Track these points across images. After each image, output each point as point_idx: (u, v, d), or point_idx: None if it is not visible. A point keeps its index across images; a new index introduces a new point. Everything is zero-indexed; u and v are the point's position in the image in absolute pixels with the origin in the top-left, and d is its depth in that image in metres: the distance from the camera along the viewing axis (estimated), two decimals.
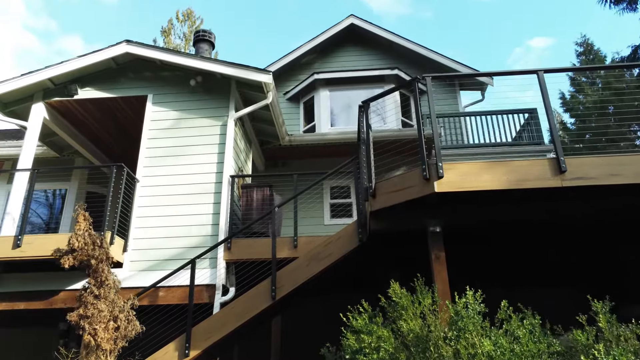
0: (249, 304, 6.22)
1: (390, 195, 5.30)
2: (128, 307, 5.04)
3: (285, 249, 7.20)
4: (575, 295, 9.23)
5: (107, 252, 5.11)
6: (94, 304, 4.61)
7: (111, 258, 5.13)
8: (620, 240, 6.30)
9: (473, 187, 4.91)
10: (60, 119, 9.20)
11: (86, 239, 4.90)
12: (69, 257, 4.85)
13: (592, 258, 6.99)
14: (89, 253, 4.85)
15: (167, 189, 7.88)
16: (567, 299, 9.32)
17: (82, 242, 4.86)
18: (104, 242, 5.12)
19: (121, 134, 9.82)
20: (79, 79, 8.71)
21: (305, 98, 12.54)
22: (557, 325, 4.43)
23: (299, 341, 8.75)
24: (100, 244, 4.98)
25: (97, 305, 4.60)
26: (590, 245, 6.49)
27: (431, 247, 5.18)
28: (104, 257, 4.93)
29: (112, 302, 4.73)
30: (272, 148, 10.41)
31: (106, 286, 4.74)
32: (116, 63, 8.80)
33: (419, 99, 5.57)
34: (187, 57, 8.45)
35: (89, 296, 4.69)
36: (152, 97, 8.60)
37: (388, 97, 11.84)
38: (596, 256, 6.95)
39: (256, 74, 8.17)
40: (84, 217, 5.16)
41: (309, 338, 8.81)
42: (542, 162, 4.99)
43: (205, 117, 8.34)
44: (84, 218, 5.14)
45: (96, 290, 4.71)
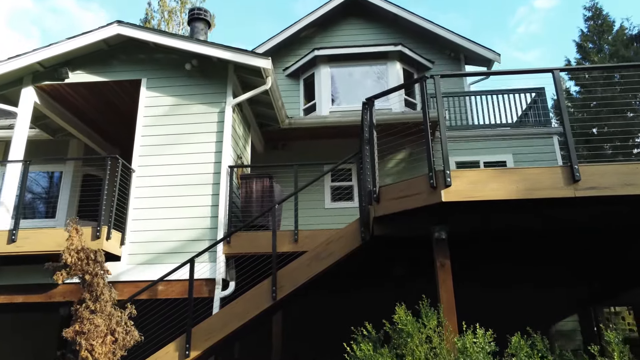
0: (249, 304, 6.14)
1: (395, 201, 5.10)
2: (125, 317, 4.93)
3: (285, 243, 7.08)
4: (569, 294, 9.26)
5: (102, 265, 4.97)
6: (90, 319, 4.50)
7: (103, 268, 4.96)
8: (624, 241, 6.14)
9: (481, 196, 4.71)
10: (52, 102, 8.88)
11: (80, 254, 4.74)
12: (63, 272, 4.71)
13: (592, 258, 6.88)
14: (83, 268, 4.70)
15: (164, 179, 7.67)
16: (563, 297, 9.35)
17: (75, 257, 4.70)
18: (99, 255, 4.96)
19: (117, 116, 9.52)
20: (69, 62, 8.35)
21: (306, 75, 12.13)
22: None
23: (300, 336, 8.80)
24: (94, 258, 4.82)
25: (94, 320, 4.49)
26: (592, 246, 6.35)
27: (436, 254, 5.03)
28: (98, 271, 4.78)
29: (109, 316, 4.62)
30: (271, 130, 10.13)
31: (102, 300, 4.62)
32: (108, 45, 8.40)
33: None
34: (182, 40, 8.05)
35: (84, 311, 4.57)
36: (146, 82, 8.26)
37: (391, 73, 11.50)
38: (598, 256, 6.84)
39: (254, 59, 7.81)
40: (76, 230, 4.98)
41: (310, 333, 8.89)
42: (554, 170, 4.76)
43: (202, 104, 8.03)
44: (76, 231, 4.96)
45: (92, 305, 4.59)
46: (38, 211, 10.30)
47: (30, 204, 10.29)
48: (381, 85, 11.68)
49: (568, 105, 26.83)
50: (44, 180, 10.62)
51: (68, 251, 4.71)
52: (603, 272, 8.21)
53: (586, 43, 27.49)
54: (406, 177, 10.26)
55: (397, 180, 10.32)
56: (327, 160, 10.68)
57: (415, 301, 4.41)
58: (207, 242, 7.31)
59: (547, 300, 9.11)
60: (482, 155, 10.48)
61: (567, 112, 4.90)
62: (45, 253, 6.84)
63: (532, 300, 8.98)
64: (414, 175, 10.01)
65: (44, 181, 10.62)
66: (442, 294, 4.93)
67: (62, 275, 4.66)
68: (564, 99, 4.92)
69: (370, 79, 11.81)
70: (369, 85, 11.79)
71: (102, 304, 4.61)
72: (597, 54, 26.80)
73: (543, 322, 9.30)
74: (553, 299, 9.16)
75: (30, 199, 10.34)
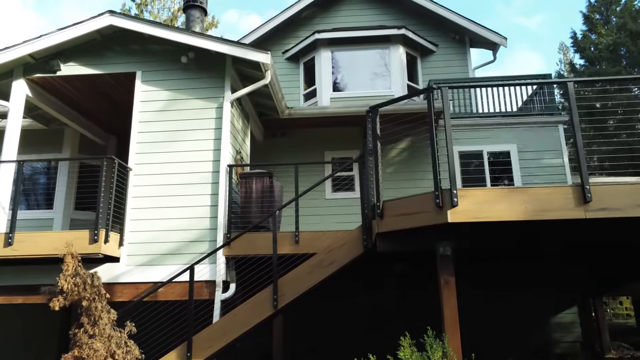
0: (250, 312, 6.09)
1: (399, 218, 4.97)
2: (125, 337, 4.87)
3: (286, 245, 6.98)
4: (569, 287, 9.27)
5: (100, 289, 4.86)
6: (89, 343, 4.43)
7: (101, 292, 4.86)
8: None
9: (489, 217, 4.58)
10: (45, 94, 8.60)
11: (76, 279, 4.63)
12: (60, 298, 4.61)
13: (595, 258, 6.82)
14: (80, 294, 4.60)
15: (162, 178, 7.51)
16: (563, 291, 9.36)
17: (71, 283, 4.59)
18: (95, 279, 4.85)
19: (112, 106, 9.25)
20: (60, 53, 8.03)
21: (306, 58, 11.78)
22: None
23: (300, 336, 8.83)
24: (91, 283, 4.72)
25: (93, 345, 4.43)
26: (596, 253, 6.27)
27: (440, 271, 4.94)
28: (95, 295, 4.69)
29: (108, 338, 4.56)
30: (271, 119, 9.89)
31: (101, 323, 4.54)
32: (101, 35, 8.07)
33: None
34: (177, 32, 7.73)
35: (83, 336, 4.50)
36: (142, 75, 7.97)
37: (393, 57, 11.17)
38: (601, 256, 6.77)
39: (253, 53, 7.51)
40: (72, 256, 4.85)
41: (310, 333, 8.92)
42: (565, 189, 4.61)
43: (200, 99, 7.78)
44: (72, 257, 4.83)
45: (90, 330, 4.51)
46: (35, 202, 10.14)
47: (26, 194, 10.13)
48: (383, 70, 11.36)
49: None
50: (39, 170, 10.43)
51: (64, 277, 4.60)
52: (605, 267, 8.19)
53: (593, 14, 26.76)
54: (409, 167, 10.17)
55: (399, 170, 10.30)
56: (327, 147, 10.57)
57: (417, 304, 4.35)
58: (207, 243, 7.22)
59: (547, 295, 9.13)
60: (485, 145, 10.28)
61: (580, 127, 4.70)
62: (42, 257, 6.78)
63: (533, 295, 9.00)
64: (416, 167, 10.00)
65: (40, 171, 10.43)
66: (446, 312, 4.87)
67: (59, 302, 4.57)
68: (577, 114, 4.71)
69: (373, 63, 11.47)
70: (371, 70, 11.48)
71: (101, 328, 4.54)
72: (604, 26, 26.14)
73: (543, 316, 9.35)
74: (553, 293, 9.18)
75: (27, 189, 10.17)
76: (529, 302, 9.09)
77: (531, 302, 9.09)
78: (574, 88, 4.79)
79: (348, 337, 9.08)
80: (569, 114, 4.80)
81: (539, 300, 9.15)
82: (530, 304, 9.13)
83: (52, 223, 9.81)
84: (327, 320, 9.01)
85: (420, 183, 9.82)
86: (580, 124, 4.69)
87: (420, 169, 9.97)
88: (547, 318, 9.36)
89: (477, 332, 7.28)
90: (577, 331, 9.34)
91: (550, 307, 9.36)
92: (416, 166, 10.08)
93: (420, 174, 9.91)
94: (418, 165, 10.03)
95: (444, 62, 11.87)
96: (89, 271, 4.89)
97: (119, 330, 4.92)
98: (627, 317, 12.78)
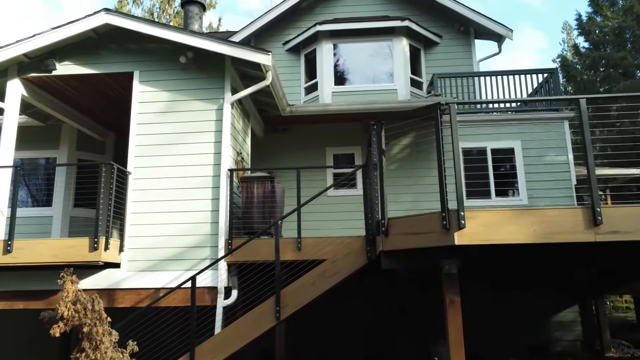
0: (253, 323, 6.06)
1: (404, 237, 4.88)
2: (127, 357, 4.83)
3: (288, 251, 6.91)
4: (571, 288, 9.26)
5: (101, 313, 4.79)
6: None
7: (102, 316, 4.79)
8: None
9: (497, 240, 4.49)
10: (42, 93, 8.41)
11: (77, 305, 4.55)
12: (60, 324, 4.54)
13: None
14: (81, 319, 4.53)
15: (162, 182, 7.39)
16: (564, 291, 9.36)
17: (72, 309, 4.52)
18: (96, 303, 4.78)
19: (110, 103, 9.08)
20: (55, 52, 7.80)
21: (307, 50, 11.52)
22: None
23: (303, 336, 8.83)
24: (92, 308, 4.64)
25: None
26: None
27: (445, 290, 4.87)
28: (97, 320, 4.62)
29: None
30: (272, 115, 9.71)
31: (102, 347, 4.49)
32: (96, 33, 7.83)
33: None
34: (175, 32, 7.49)
35: None
36: (139, 75, 7.77)
37: (397, 49, 10.94)
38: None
39: (253, 54, 7.31)
40: (71, 281, 4.77)
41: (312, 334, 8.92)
42: (575, 211, 4.51)
43: (199, 100, 7.60)
44: (71, 283, 4.75)
45: (92, 354, 4.46)
46: (34, 200, 10.04)
47: (25, 193, 10.02)
48: (386, 63, 11.14)
49: (575, 63, 26.01)
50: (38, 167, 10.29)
51: (64, 304, 4.53)
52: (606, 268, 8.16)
53: None
54: (412, 164, 10.04)
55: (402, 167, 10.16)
56: (329, 143, 10.42)
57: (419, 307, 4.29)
58: (208, 249, 7.15)
59: (548, 295, 9.14)
60: (489, 142, 10.14)
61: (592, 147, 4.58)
62: (41, 264, 6.72)
63: (534, 295, 9.01)
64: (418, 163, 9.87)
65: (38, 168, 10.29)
66: (451, 331, 4.82)
67: (60, 328, 4.51)
68: (589, 133, 4.57)
69: (375, 56, 11.23)
70: (373, 62, 11.25)
71: (102, 351, 4.49)
72: (610, 8, 25.63)
73: (544, 315, 9.37)
74: (554, 294, 9.19)
75: (25, 187, 10.05)
76: (530, 302, 9.10)
77: (532, 301, 9.10)
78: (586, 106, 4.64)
79: (350, 338, 9.12)
80: (580, 131, 4.66)
81: (539, 300, 9.16)
82: (531, 303, 9.14)
83: (52, 221, 9.73)
84: (329, 321, 9.02)
85: (423, 180, 9.76)
86: (591, 144, 4.56)
87: (424, 165, 9.86)
88: (548, 317, 9.38)
89: (478, 331, 7.31)
90: (578, 330, 9.37)
91: (551, 307, 9.37)
92: (419, 163, 9.96)
93: (424, 171, 9.81)
94: (421, 162, 9.90)
95: (448, 54, 11.62)
96: (89, 296, 4.82)
97: (120, 351, 4.88)
98: (627, 309, 12.85)
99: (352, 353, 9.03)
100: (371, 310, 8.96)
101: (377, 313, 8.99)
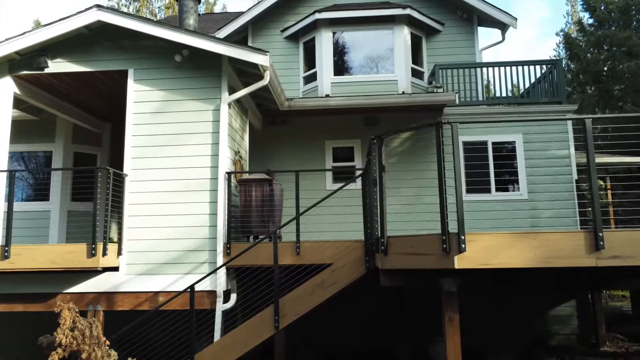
0: (251, 332, 6.08)
1: (404, 257, 4.84)
2: None
3: (287, 256, 6.89)
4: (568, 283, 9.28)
5: (100, 337, 4.79)
6: None
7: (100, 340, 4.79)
8: None
9: (497, 264, 4.45)
10: (35, 89, 8.23)
11: (74, 332, 4.54)
12: (59, 350, 4.54)
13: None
14: (79, 345, 4.53)
15: (159, 184, 7.30)
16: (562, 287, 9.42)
17: (70, 336, 4.50)
18: (94, 327, 4.76)
19: (106, 98, 8.91)
20: (47, 49, 7.59)
21: (306, 38, 11.25)
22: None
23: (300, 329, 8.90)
24: (90, 334, 4.63)
25: None
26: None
27: (445, 309, 4.87)
28: (95, 346, 4.61)
29: None
30: (270, 108, 9.54)
31: None
32: (89, 30, 7.60)
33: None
34: (170, 30, 7.26)
35: None
36: (134, 73, 7.59)
37: (397, 38, 10.70)
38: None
39: (250, 54, 7.12)
40: (68, 309, 4.74)
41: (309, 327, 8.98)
42: (577, 235, 4.45)
43: (196, 100, 7.44)
44: (68, 310, 4.71)
45: None
46: (31, 194, 9.95)
47: (21, 187, 9.92)
48: (387, 52, 10.89)
49: (579, 41, 25.49)
50: (33, 161, 10.18)
51: (62, 331, 4.51)
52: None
53: None
54: (412, 158, 9.92)
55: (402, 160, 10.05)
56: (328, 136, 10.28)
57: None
58: (206, 253, 7.13)
59: (545, 292, 9.20)
60: (490, 135, 9.99)
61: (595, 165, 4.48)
62: (39, 270, 6.71)
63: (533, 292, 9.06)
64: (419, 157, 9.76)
65: (33, 163, 10.17)
66: (449, 349, 4.84)
67: (58, 354, 4.51)
68: (594, 155, 4.47)
69: (376, 45, 10.97)
70: (374, 52, 11.00)
71: None
72: None
73: (542, 310, 9.45)
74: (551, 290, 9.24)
75: (22, 182, 9.96)
76: (528, 297, 9.17)
77: (530, 297, 9.17)
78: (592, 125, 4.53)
79: (350, 333, 9.20)
80: (585, 152, 4.56)
81: (538, 296, 9.23)
82: (529, 299, 9.21)
83: (49, 215, 9.69)
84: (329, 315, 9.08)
85: (423, 174, 9.68)
86: (595, 165, 4.47)
87: (424, 159, 9.75)
88: (546, 311, 9.46)
89: (476, 325, 7.41)
90: (574, 324, 9.46)
91: (549, 302, 9.44)
92: (419, 157, 9.86)
93: (424, 165, 9.72)
94: (421, 156, 9.80)
95: (450, 42, 11.35)
96: (86, 320, 4.81)
97: None
98: (623, 298, 12.98)
99: (353, 348, 9.13)
100: (372, 304, 9.01)
101: (377, 308, 9.05)
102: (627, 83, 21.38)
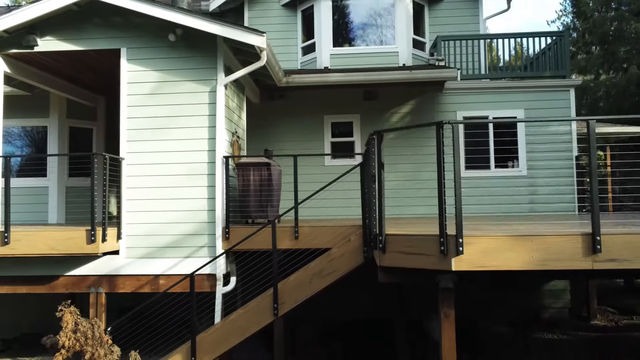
0: (251, 319, 6.21)
1: (402, 256, 4.87)
2: None
3: (285, 240, 6.94)
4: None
5: (102, 337, 4.86)
6: None
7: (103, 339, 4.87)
8: None
9: (495, 266, 4.48)
10: (25, 67, 8.03)
11: (77, 334, 4.60)
12: (63, 351, 4.62)
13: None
14: (82, 346, 4.60)
15: (155, 168, 7.24)
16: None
17: (72, 338, 4.57)
18: (96, 328, 4.83)
19: (101, 74, 8.70)
20: (35, 27, 7.32)
21: (304, 6, 10.86)
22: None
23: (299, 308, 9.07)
24: (92, 335, 4.70)
25: None
26: None
27: (441, 304, 4.93)
28: (98, 346, 4.69)
29: None
30: (268, 84, 9.34)
31: None
32: (78, 6, 7.30)
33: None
34: (162, 9, 6.98)
35: None
36: (127, 52, 7.36)
37: (399, 7, 10.36)
38: None
39: (246, 35, 6.89)
40: (70, 313, 4.77)
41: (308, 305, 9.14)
42: (575, 239, 4.45)
43: (191, 81, 7.26)
44: (70, 313, 4.75)
45: None
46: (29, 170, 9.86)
47: (18, 164, 9.84)
48: (388, 22, 10.56)
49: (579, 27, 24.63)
50: (29, 137, 10.05)
51: (64, 334, 4.58)
52: None
53: None
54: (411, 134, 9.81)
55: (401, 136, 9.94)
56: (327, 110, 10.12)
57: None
58: (206, 237, 7.16)
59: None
60: (491, 110, 9.86)
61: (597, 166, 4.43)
62: (40, 255, 6.74)
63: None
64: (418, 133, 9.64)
65: (29, 138, 10.05)
66: (444, 343, 4.93)
67: (62, 355, 4.60)
68: (596, 157, 4.41)
69: (376, 14, 10.62)
70: (374, 22, 10.67)
71: None
72: None
73: (537, 284, 9.63)
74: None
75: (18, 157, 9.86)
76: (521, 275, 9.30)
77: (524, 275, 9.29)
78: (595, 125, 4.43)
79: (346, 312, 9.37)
80: (588, 155, 4.49)
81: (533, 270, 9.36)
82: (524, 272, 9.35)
83: (47, 191, 9.68)
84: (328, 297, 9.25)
85: (422, 150, 9.62)
86: (596, 168, 4.41)
87: (423, 135, 9.65)
88: (540, 286, 9.64)
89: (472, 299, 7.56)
90: (567, 297, 9.67)
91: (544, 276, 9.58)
92: (418, 132, 9.73)
93: (423, 140, 9.64)
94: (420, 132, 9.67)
95: (453, 10, 10.98)
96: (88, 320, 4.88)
97: None
98: None
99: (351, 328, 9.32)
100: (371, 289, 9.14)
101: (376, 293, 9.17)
102: (633, 44, 20.85)
